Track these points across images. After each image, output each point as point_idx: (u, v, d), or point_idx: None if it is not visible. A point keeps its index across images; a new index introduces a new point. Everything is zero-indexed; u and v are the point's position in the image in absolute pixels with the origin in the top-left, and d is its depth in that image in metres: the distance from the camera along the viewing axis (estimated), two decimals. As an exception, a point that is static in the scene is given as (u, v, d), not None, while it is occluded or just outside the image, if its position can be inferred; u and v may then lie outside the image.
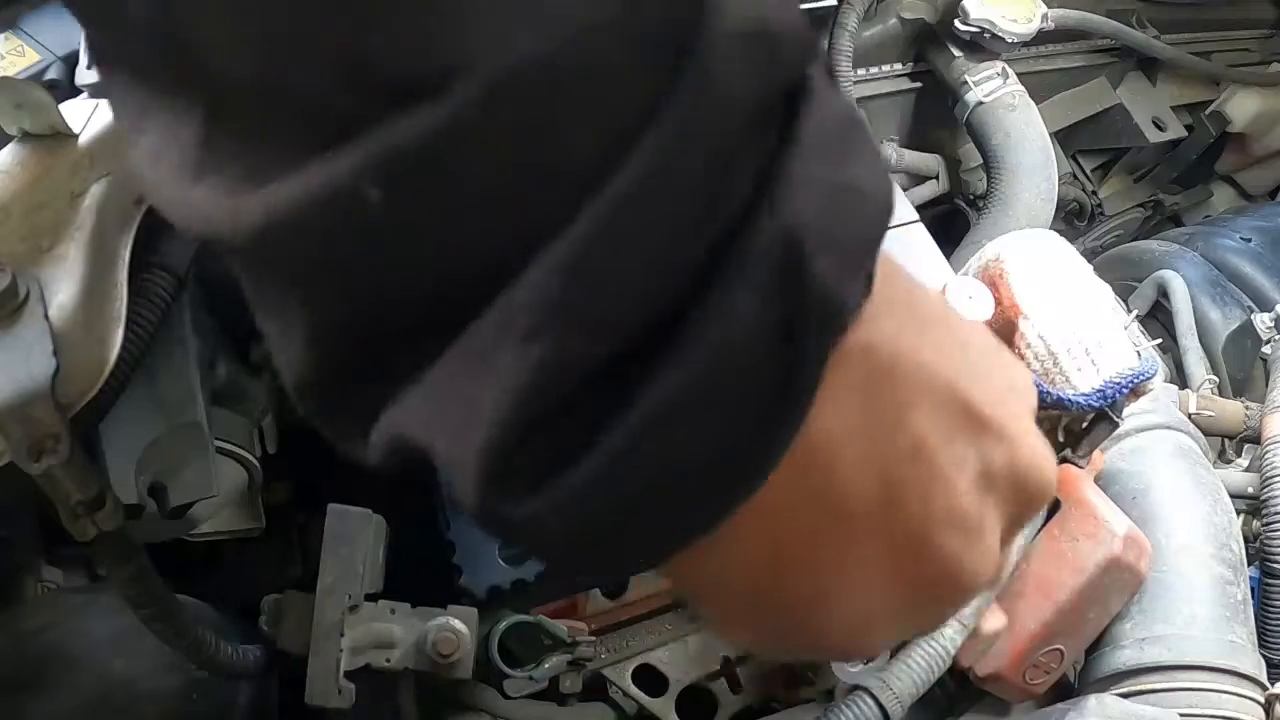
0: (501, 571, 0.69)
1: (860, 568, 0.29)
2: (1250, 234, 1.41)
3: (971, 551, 0.30)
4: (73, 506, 0.50)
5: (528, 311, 0.19)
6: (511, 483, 0.20)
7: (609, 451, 0.20)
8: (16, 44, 0.71)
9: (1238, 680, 0.78)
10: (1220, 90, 1.67)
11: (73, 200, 0.52)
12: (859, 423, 0.27)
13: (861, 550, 0.28)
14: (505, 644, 0.71)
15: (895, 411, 0.27)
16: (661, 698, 0.79)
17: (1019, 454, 0.31)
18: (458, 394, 0.20)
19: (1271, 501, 0.98)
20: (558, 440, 0.20)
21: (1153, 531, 0.83)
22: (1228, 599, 0.81)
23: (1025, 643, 0.76)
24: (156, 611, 0.56)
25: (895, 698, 0.71)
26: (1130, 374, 0.72)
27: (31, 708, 0.61)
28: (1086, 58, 1.51)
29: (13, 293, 0.48)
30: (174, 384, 0.60)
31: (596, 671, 0.78)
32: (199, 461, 0.61)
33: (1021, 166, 1.18)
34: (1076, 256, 0.79)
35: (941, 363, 0.28)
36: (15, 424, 0.47)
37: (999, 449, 0.30)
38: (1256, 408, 1.13)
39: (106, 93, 0.22)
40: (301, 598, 0.64)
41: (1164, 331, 1.28)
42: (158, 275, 0.57)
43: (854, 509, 0.28)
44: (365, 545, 0.65)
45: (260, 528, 0.76)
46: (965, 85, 1.24)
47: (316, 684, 0.62)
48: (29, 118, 0.51)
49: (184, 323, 0.61)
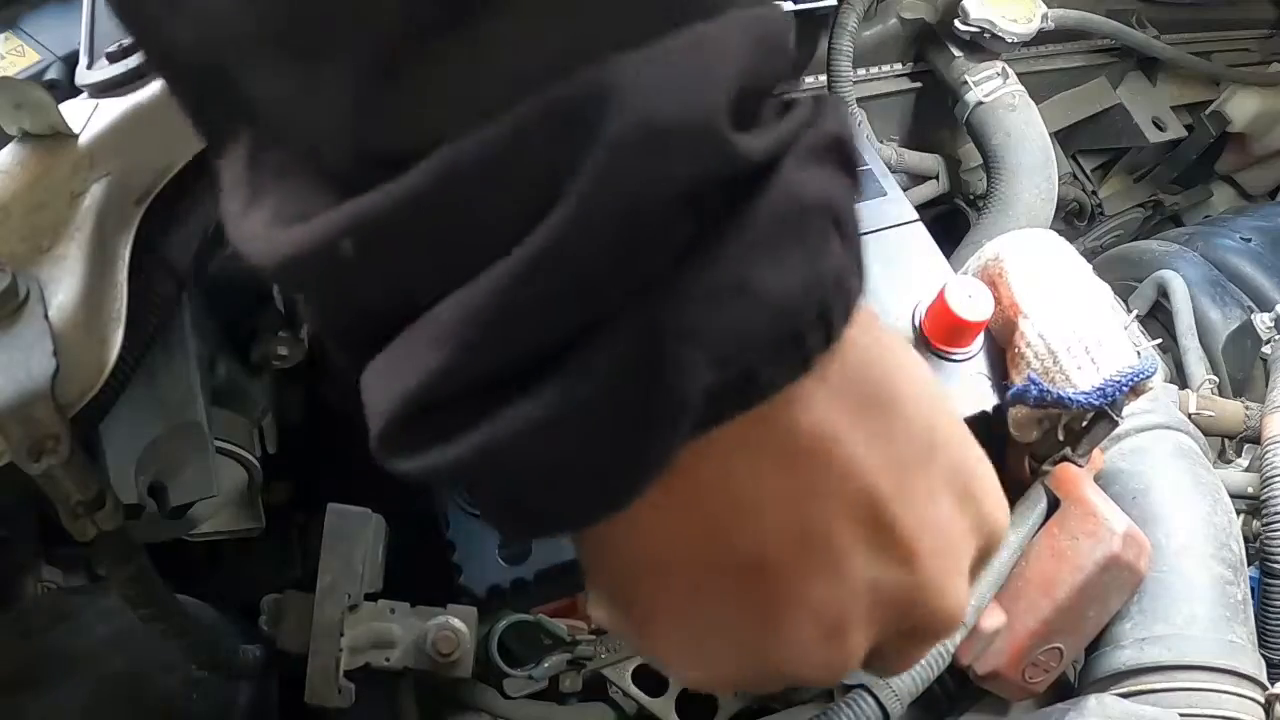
0: (501, 571, 0.69)
1: (708, 612, 0.30)
2: (1250, 234, 1.41)
3: (821, 650, 0.30)
4: (73, 506, 0.50)
5: (436, 328, 0.24)
6: (399, 444, 0.26)
7: (473, 444, 0.25)
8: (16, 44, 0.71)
9: (1238, 680, 0.78)
10: (1220, 90, 1.67)
11: (73, 200, 0.52)
12: (764, 488, 0.28)
13: (717, 597, 0.30)
14: (505, 643, 0.71)
15: (804, 494, 0.28)
16: (661, 698, 0.79)
17: (922, 591, 0.31)
18: (385, 374, 0.26)
19: (1271, 501, 0.98)
20: (439, 422, 0.25)
21: (1153, 531, 0.83)
22: (1228, 599, 0.82)
23: (1025, 641, 0.76)
24: (156, 611, 0.56)
25: (895, 696, 0.71)
26: (1130, 372, 0.72)
27: (32, 707, 0.61)
28: (1086, 58, 1.51)
29: (13, 293, 0.48)
30: (174, 384, 0.60)
31: (596, 671, 0.78)
32: (199, 461, 0.61)
33: (1021, 166, 1.18)
34: (1076, 256, 0.79)
35: (875, 466, 0.29)
36: (15, 424, 0.47)
37: (900, 575, 0.30)
38: (1256, 408, 1.14)
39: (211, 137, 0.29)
40: (301, 597, 0.64)
41: (1164, 331, 1.29)
42: (158, 275, 0.57)
43: (727, 561, 0.29)
44: (365, 545, 0.65)
45: (260, 528, 0.76)
46: (965, 85, 1.24)
47: (316, 683, 0.62)
48: (29, 118, 0.51)
49: (184, 323, 0.61)
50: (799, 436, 0.28)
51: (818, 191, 0.26)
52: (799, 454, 0.28)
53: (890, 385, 0.30)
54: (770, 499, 0.28)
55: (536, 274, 0.23)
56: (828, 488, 0.29)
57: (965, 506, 0.32)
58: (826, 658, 0.30)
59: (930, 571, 0.30)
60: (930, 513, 0.31)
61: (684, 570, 0.30)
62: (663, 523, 0.29)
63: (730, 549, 0.29)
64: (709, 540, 0.29)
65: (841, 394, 0.28)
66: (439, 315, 0.24)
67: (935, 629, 0.32)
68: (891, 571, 0.30)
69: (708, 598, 0.30)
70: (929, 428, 0.31)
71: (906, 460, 0.30)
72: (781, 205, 0.25)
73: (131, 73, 0.54)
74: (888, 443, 0.29)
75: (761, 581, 0.29)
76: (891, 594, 0.30)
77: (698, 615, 0.30)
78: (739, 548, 0.29)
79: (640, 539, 0.29)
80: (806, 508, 0.29)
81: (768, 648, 0.30)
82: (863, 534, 0.29)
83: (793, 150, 0.25)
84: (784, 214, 0.25)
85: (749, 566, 0.29)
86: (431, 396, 0.25)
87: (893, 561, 0.30)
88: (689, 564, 0.29)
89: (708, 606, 0.30)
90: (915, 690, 0.72)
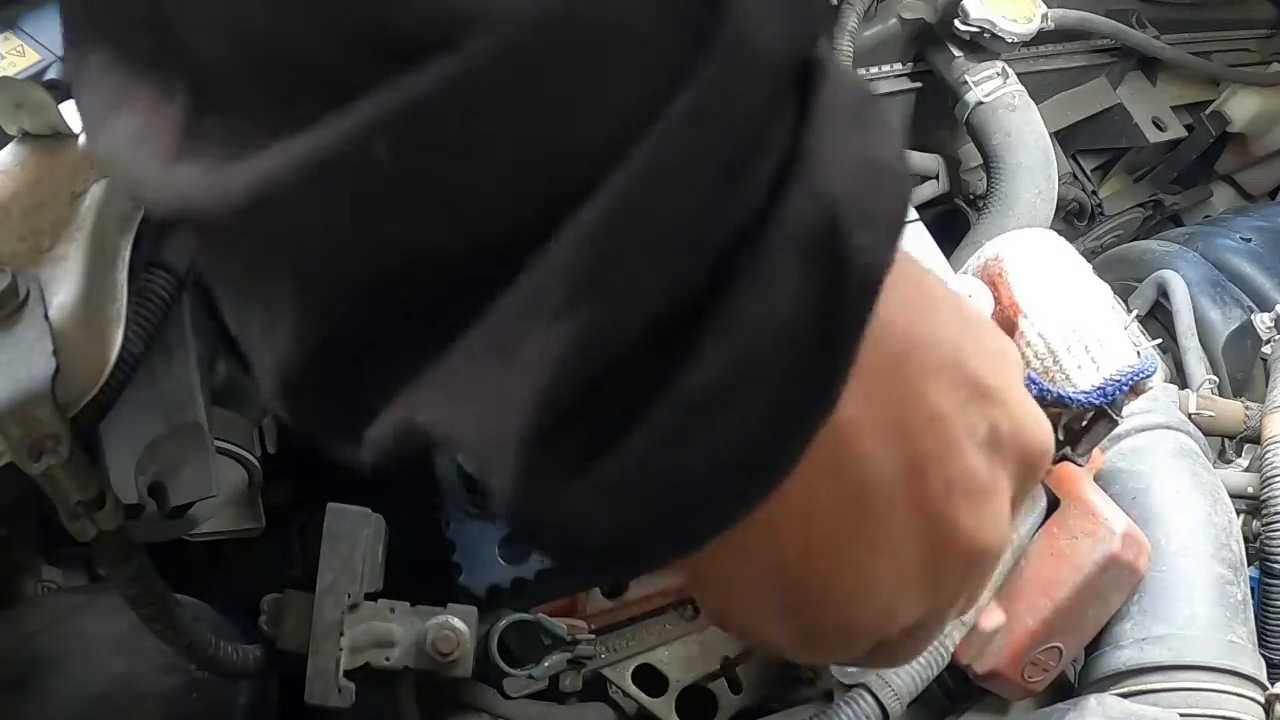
0: (501, 570, 0.69)
1: (889, 545, 0.29)
2: (1250, 234, 1.41)
3: (987, 517, 0.30)
4: (73, 506, 0.50)
5: (556, 286, 0.17)
6: (551, 469, 0.19)
7: (650, 434, 0.19)
8: (16, 44, 0.71)
9: (1238, 680, 0.78)
10: (1220, 90, 1.67)
11: (73, 200, 0.52)
12: (878, 399, 0.27)
13: (889, 527, 0.28)
14: (505, 643, 0.71)
15: (911, 386, 0.28)
16: (661, 698, 0.79)
17: (1019, 417, 0.32)
18: (484, 377, 0.18)
19: (1271, 501, 0.98)
20: (596, 423, 0.19)
21: (1153, 531, 0.83)
22: (1228, 599, 0.81)
23: (1024, 640, 0.76)
24: (156, 611, 0.56)
25: (894, 695, 0.71)
26: (1130, 372, 0.72)
27: (31, 708, 0.61)
28: (1086, 58, 1.51)
29: (13, 293, 0.48)
30: (174, 384, 0.60)
31: (596, 671, 0.78)
32: (199, 461, 0.61)
33: (1021, 166, 1.18)
34: (1076, 256, 0.79)
35: (947, 335, 0.29)
36: (15, 424, 0.47)
37: (1002, 414, 0.31)
38: (1256, 408, 1.13)
39: (77, 76, 0.21)
40: (301, 597, 0.64)
41: (1164, 331, 1.28)
42: (158, 275, 0.56)
43: (879, 485, 0.27)
44: (364, 544, 0.65)
45: (260, 528, 0.76)
46: (965, 85, 1.24)
47: (316, 683, 0.62)
48: (29, 118, 0.51)
49: (184, 323, 0.61)
50: (887, 338, 0.26)
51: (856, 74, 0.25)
52: (896, 350, 0.27)
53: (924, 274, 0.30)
54: (884, 408, 0.27)
55: (686, 142, 0.18)
56: (923, 370, 0.28)
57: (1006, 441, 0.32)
58: (995, 527, 0.30)
59: (1023, 406, 0.32)
60: (991, 354, 0.31)
61: (840, 519, 0.28)
62: (818, 468, 0.25)
63: (870, 476, 0.27)
64: (848, 476, 0.27)
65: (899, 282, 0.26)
66: (553, 263, 0.17)
67: (1037, 461, 0.32)
68: (995, 414, 0.30)
69: (874, 534, 0.28)
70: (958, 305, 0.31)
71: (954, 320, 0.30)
72: (848, 84, 0.23)
73: (131, 73, 0.54)
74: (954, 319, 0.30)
75: (920, 484, 0.28)
76: (1004, 435, 0.31)
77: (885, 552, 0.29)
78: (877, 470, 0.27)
79: (801, 499, 0.26)
80: (922, 395, 0.28)
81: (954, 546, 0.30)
82: (969, 393, 0.29)
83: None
84: (853, 91, 0.23)
85: (904, 473, 0.28)
86: (580, 383, 0.18)
87: (993, 406, 0.30)
88: (843, 511, 0.27)
89: (879, 540, 0.28)
90: (915, 689, 0.72)
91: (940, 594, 0.31)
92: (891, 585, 0.29)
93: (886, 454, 0.27)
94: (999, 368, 0.31)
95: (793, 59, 0.21)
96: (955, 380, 0.29)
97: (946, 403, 0.28)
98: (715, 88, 0.18)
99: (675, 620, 0.82)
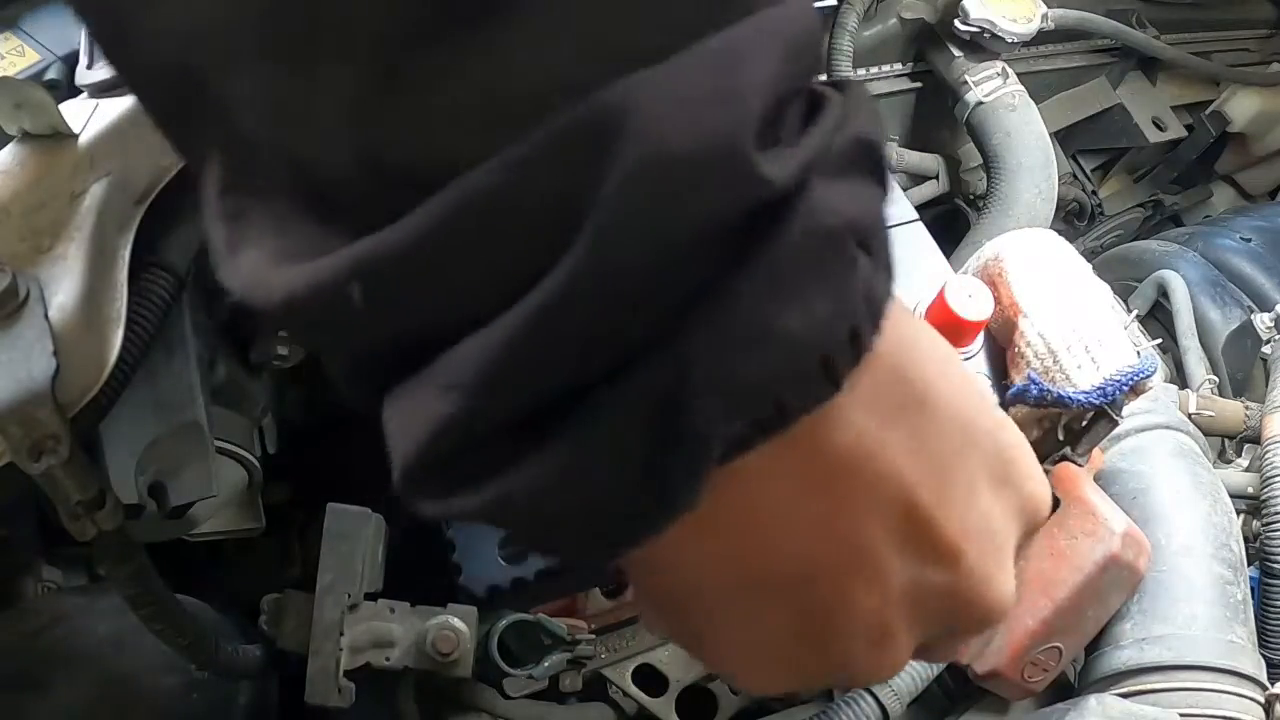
0: (501, 570, 0.69)
1: (754, 629, 0.30)
2: (1250, 234, 1.41)
3: (871, 655, 0.30)
4: (73, 506, 0.50)
5: (449, 373, 0.23)
6: (420, 491, 0.25)
7: (493, 493, 0.24)
8: (16, 44, 0.71)
9: (1238, 680, 0.78)
10: (1220, 90, 1.67)
11: (73, 200, 0.52)
12: (801, 509, 0.28)
13: (760, 616, 0.30)
14: (505, 643, 0.71)
15: (840, 510, 0.28)
16: (661, 698, 0.79)
17: (967, 589, 0.30)
18: (399, 419, 0.25)
19: (1271, 501, 0.98)
20: (457, 471, 0.24)
21: (1153, 531, 0.83)
22: (1228, 599, 0.82)
23: (1024, 640, 0.76)
24: (156, 611, 0.56)
25: (894, 695, 0.71)
26: (1130, 372, 0.72)
27: (32, 707, 0.61)
28: (1086, 58, 1.51)
29: (13, 293, 0.48)
30: (174, 384, 0.60)
31: (596, 671, 0.78)
32: (199, 461, 0.61)
33: (1021, 166, 1.18)
34: (1076, 256, 0.79)
35: (911, 471, 0.28)
36: (15, 424, 0.47)
37: (944, 576, 0.30)
38: (1256, 408, 1.14)
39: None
40: (301, 597, 0.64)
41: (1164, 331, 1.28)
42: (158, 275, 0.57)
43: (766, 582, 0.29)
44: (364, 544, 0.65)
45: (260, 528, 0.76)
46: (965, 85, 1.24)
47: (316, 683, 0.62)
48: (29, 118, 0.51)
49: (184, 323, 0.61)
50: (830, 456, 0.27)
51: (845, 212, 0.24)
52: (832, 473, 0.28)
53: (921, 383, 0.29)
54: (804, 519, 0.28)
55: (550, 319, 0.22)
56: (864, 501, 0.28)
57: (1005, 492, 0.32)
58: (877, 662, 0.31)
59: (973, 569, 0.30)
60: (970, 508, 0.30)
61: (725, 592, 0.30)
62: (698, 549, 0.28)
63: (767, 570, 0.29)
64: (745, 563, 0.29)
65: (873, 404, 0.28)
66: (451, 362, 0.23)
67: (981, 621, 0.32)
68: (934, 573, 0.30)
69: (752, 616, 0.30)
70: (963, 419, 0.30)
71: (943, 458, 0.29)
72: (808, 236, 0.23)
73: (131, 73, 0.54)
74: (922, 444, 0.29)
75: (804, 598, 0.29)
76: (936, 595, 0.30)
77: (744, 632, 0.31)
78: (776, 569, 0.29)
79: (678, 565, 0.29)
80: (843, 523, 0.28)
81: (817, 659, 0.31)
82: (902, 541, 0.29)
83: (819, 167, 0.24)
84: (810, 246, 0.23)
85: (790, 584, 0.29)
86: (447, 445, 0.24)
87: (935, 564, 0.30)
88: (729, 586, 0.29)
89: (753, 624, 0.30)
90: (915, 690, 0.72)
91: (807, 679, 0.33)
92: (751, 655, 0.31)
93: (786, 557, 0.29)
94: (972, 530, 0.30)
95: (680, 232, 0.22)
96: (896, 521, 0.29)
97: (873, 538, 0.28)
98: (573, 279, 0.22)
99: (675, 620, 0.81)
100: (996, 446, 0.31)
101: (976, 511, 0.30)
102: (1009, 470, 0.32)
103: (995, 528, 0.31)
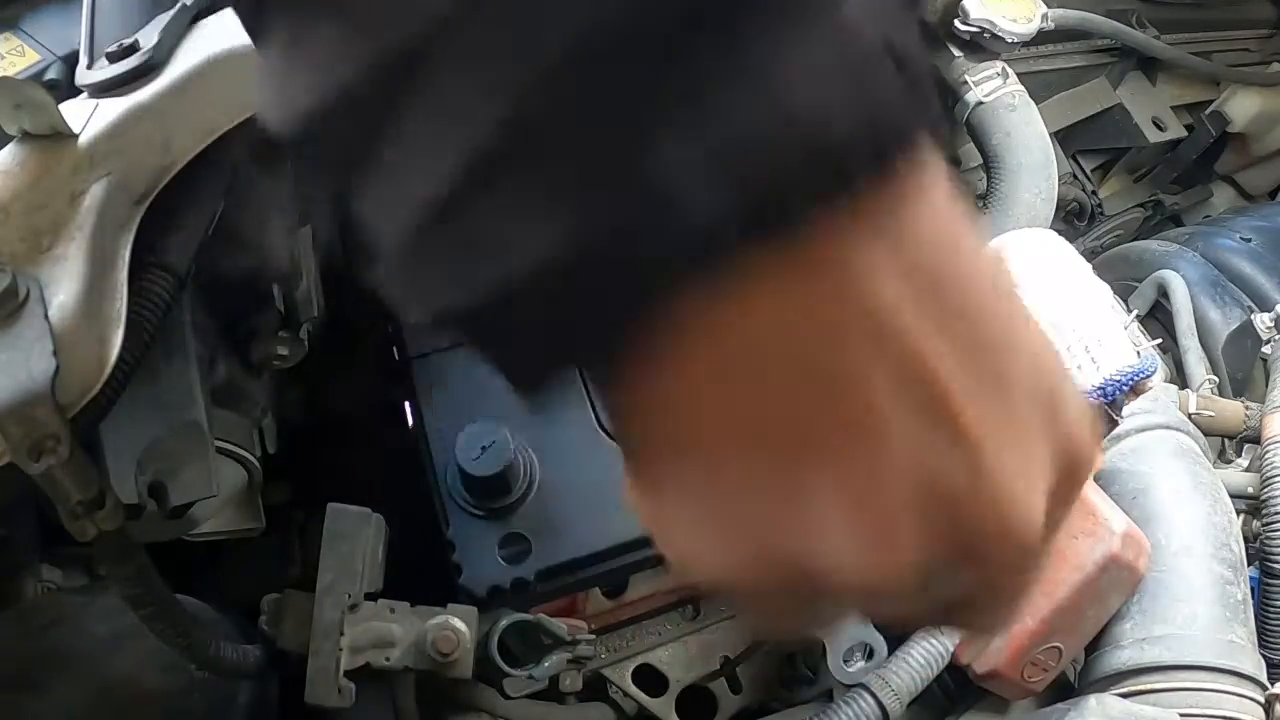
0: (501, 571, 0.69)
1: (727, 489, 0.26)
2: (1250, 234, 1.41)
3: (862, 543, 0.25)
4: (73, 506, 0.50)
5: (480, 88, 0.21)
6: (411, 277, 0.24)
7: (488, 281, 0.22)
8: (16, 44, 0.71)
9: (1238, 680, 0.78)
10: (1220, 90, 1.67)
11: (73, 200, 0.52)
12: (803, 347, 0.24)
13: (738, 472, 0.26)
14: (505, 643, 0.71)
15: (851, 362, 0.24)
16: (661, 698, 0.79)
17: (980, 486, 0.25)
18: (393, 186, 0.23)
19: (1271, 501, 0.98)
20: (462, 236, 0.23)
21: (1152, 531, 0.83)
22: (1228, 599, 0.82)
23: (1024, 640, 0.76)
24: (156, 611, 0.56)
25: (894, 695, 0.71)
26: (1130, 371, 0.72)
27: (32, 707, 0.61)
28: (1086, 58, 1.51)
29: (13, 293, 0.48)
30: (174, 384, 0.60)
31: (596, 671, 0.78)
32: (199, 461, 0.61)
33: (1021, 166, 1.18)
34: (1076, 256, 0.79)
35: (935, 345, 0.24)
36: (15, 424, 0.47)
37: (953, 461, 0.25)
38: (1256, 408, 1.13)
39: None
40: (301, 597, 0.65)
41: (1164, 331, 1.28)
42: (158, 275, 0.57)
43: (751, 433, 0.25)
44: (364, 544, 0.65)
45: (260, 528, 0.76)
46: (965, 85, 1.24)
47: (316, 683, 0.62)
48: (29, 118, 0.51)
49: (184, 323, 0.61)
50: (848, 300, 0.23)
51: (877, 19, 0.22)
52: (847, 321, 0.24)
53: (967, 269, 0.25)
54: (803, 357, 0.24)
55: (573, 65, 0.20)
56: (875, 352, 0.24)
57: (1044, 416, 0.26)
58: (871, 555, 0.25)
59: (993, 470, 0.25)
60: (998, 404, 0.25)
61: (706, 442, 0.25)
62: (687, 389, 0.25)
63: (756, 419, 0.25)
64: (733, 408, 0.25)
65: (904, 260, 0.24)
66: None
67: (998, 545, 0.26)
68: (943, 455, 0.24)
69: (729, 472, 0.26)
70: (1009, 323, 0.26)
71: (975, 347, 0.25)
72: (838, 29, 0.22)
73: (131, 73, 0.54)
74: (957, 320, 0.24)
75: (789, 454, 0.25)
76: (944, 484, 0.25)
77: (716, 492, 0.26)
78: (765, 417, 0.25)
79: (665, 406, 0.25)
80: (844, 363, 0.24)
81: (793, 530, 0.25)
82: (910, 403, 0.24)
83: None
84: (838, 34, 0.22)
85: (776, 440, 0.25)
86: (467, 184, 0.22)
87: (945, 442, 0.24)
88: (712, 435, 0.25)
89: (727, 482, 0.26)
90: (914, 689, 0.72)
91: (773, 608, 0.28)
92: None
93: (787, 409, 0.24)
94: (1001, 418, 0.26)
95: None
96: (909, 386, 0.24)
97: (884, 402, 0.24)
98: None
99: (675, 620, 0.82)
100: (1044, 364, 0.27)
101: (1005, 410, 0.25)
102: (1053, 399, 0.27)
103: (1026, 443, 0.26)
